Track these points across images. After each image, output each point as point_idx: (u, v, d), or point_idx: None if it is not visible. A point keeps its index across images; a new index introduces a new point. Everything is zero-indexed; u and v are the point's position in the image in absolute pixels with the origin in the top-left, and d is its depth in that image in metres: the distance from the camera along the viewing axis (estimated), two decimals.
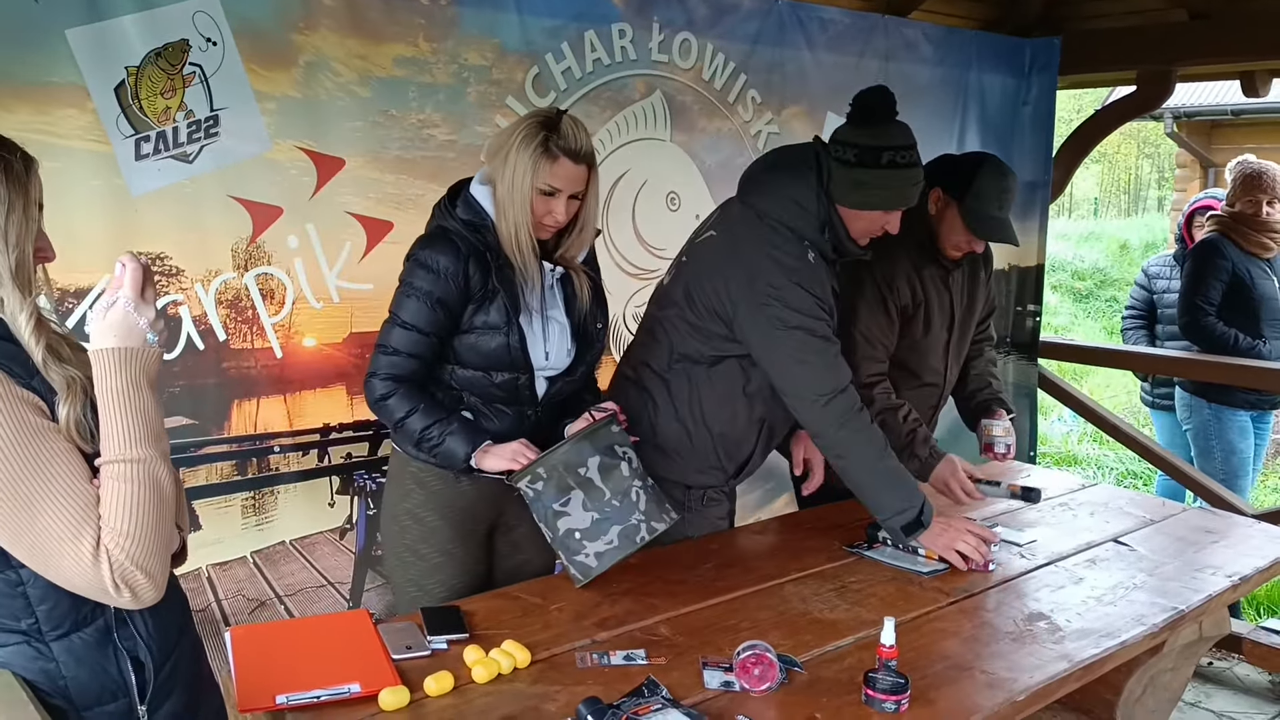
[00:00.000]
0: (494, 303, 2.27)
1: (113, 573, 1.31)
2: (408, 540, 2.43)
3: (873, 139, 2.44)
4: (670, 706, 1.73)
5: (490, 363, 2.31)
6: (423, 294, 2.24)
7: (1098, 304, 14.06)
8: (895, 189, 2.45)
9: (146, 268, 1.41)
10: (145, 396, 1.37)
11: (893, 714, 1.81)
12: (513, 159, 2.22)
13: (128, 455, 1.35)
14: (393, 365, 2.27)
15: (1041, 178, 4.86)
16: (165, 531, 1.38)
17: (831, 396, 2.44)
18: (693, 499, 2.68)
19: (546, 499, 2.25)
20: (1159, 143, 20.59)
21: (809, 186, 2.48)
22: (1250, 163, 4.29)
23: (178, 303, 2.65)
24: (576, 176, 2.25)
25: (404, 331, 2.26)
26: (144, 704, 1.46)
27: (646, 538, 2.27)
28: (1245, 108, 10.39)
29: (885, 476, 2.49)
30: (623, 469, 2.27)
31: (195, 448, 2.73)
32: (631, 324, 3.60)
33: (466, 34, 3.04)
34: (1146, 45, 4.49)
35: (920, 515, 2.47)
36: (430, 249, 2.26)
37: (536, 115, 2.26)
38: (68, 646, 1.40)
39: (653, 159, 3.54)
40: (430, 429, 2.26)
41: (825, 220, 2.48)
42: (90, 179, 2.48)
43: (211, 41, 2.59)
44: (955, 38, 4.45)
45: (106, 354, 1.36)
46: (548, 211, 2.26)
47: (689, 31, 3.57)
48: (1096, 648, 2.12)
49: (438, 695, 1.82)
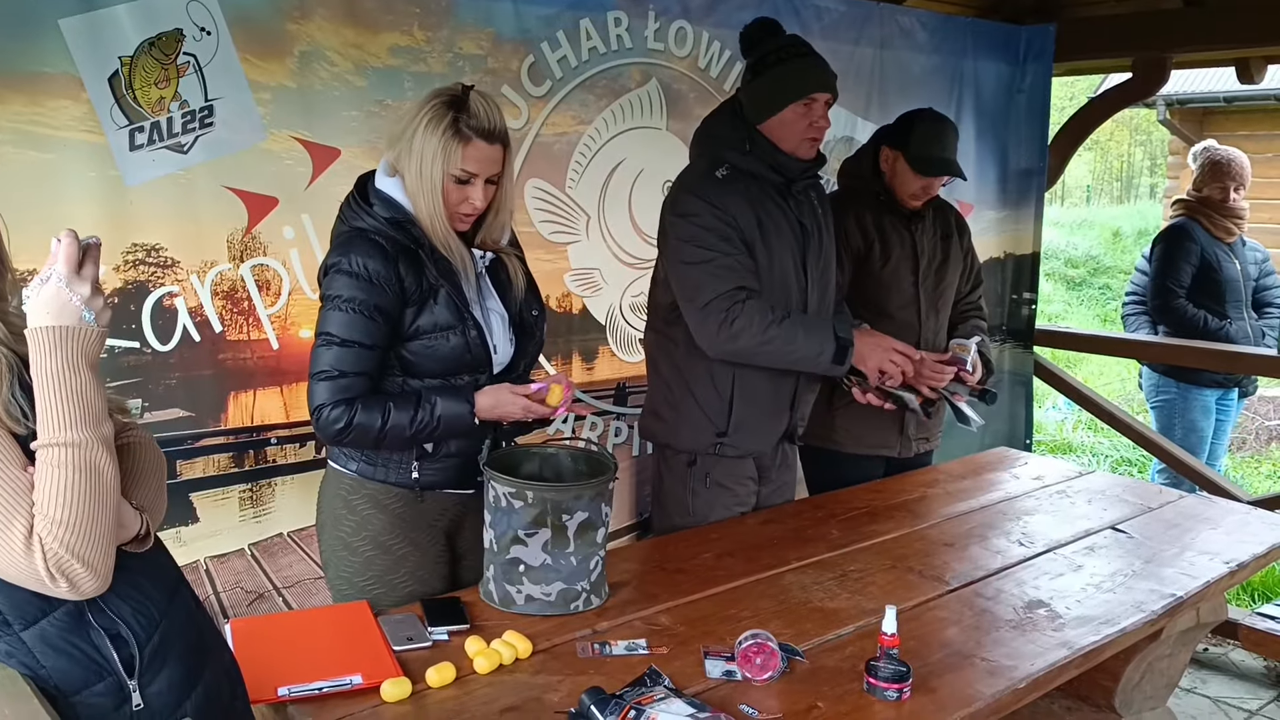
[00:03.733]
0: (438, 300, 2.08)
1: (46, 562, 1.26)
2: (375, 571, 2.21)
3: (761, 50, 2.63)
4: (673, 696, 1.73)
5: (449, 366, 2.12)
6: (354, 304, 2.02)
7: (1091, 291, 14.06)
8: (791, 79, 2.57)
9: (87, 245, 1.34)
10: (84, 377, 1.31)
11: (895, 702, 1.81)
12: (419, 144, 2.03)
13: (62, 439, 1.29)
14: (337, 390, 2.03)
15: (1037, 165, 4.85)
16: (105, 519, 1.32)
17: (706, 302, 2.54)
18: (695, 477, 2.71)
19: (515, 520, 2.06)
20: (1151, 130, 20.58)
21: (725, 118, 2.69)
22: (1217, 150, 4.47)
23: (173, 294, 2.63)
24: (492, 158, 2.06)
25: (341, 349, 2.03)
26: (133, 679, 1.42)
27: (580, 609, 2.11)
28: (1238, 95, 10.39)
29: (787, 340, 2.55)
30: (598, 535, 2.11)
31: (192, 440, 2.72)
32: (629, 314, 3.60)
33: (461, 23, 3.03)
34: (1142, 32, 4.49)
35: (838, 341, 2.57)
36: (352, 254, 2.03)
37: (441, 94, 2.06)
38: (40, 635, 1.35)
39: (649, 148, 3.53)
40: (418, 416, 2.06)
41: (745, 139, 2.61)
42: (84, 170, 2.46)
43: (206, 31, 2.57)
44: (950, 25, 4.44)
45: (42, 332, 1.30)
46: (464, 199, 2.07)
47: (685, 20, 3.55)
48: (1096, 635, 2.12)
49: (440, 686, 1.82)
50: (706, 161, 2.66)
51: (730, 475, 2.75)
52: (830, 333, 2.57)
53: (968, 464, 3.33)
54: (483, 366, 2.17)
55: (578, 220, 3.43)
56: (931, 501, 2.95)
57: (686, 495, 2.74)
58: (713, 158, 2.65)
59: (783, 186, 2.65)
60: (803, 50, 2.61)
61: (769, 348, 2.54)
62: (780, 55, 2.58)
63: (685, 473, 2.73)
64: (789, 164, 2.62)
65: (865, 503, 2.89)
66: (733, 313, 2.52)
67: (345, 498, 2.21)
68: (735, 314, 2.51)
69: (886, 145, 3.07)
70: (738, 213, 2.57)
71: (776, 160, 2.61)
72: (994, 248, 4.83)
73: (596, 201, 3.47)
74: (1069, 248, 15.03)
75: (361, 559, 2.21)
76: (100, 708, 1.39)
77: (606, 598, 2.19)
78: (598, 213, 3.47)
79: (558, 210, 3.37)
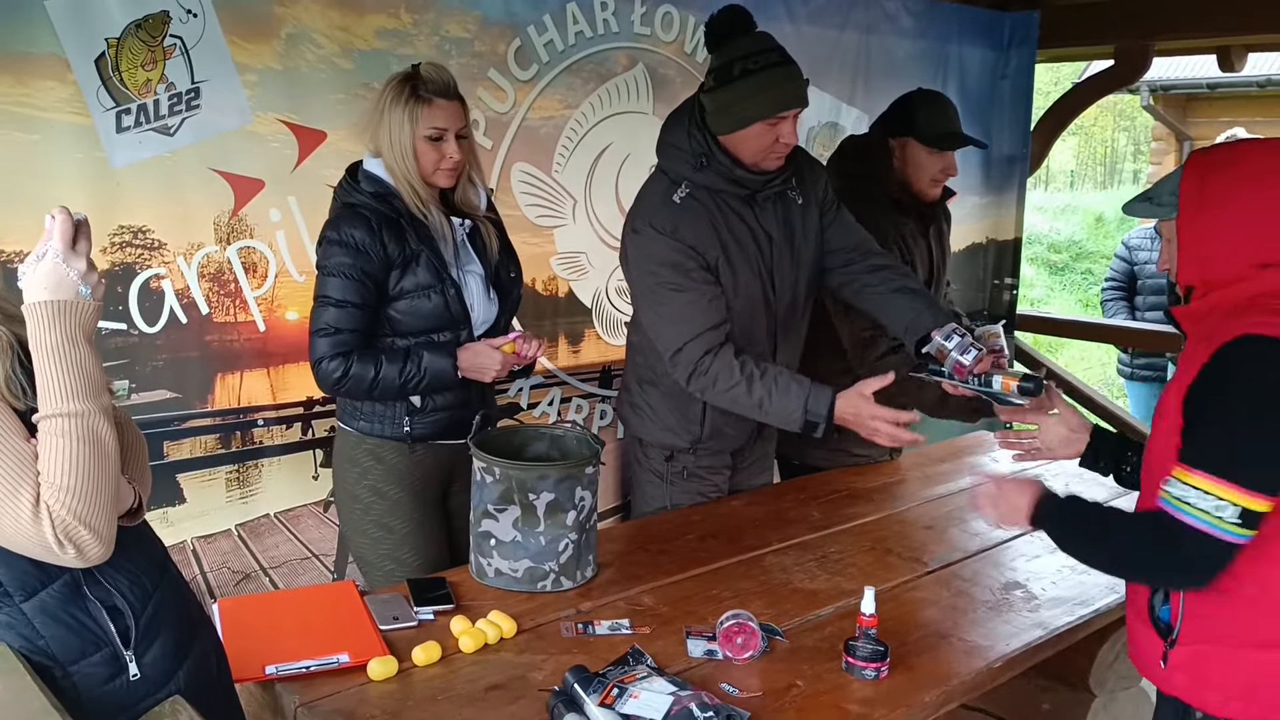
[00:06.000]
0: (419, 264, 2.31)
1: (54, 529, 1.29)
2: (374, 516, 2.46)
3: (724, 56, 2.39)
4: (655, 675, 1.76)
5: (431, 323, 2.35)
6: (345, 269, 2.27)
7: (1074, 276, 14.13)
8: (757, 96, 2.35)
9: (79, 221, 1.38)
10: (82, 350, 1.35)
11: (872, 681, 1.85)
12: (388, 121, 2.27)
13: (65, 409, 1.32)
14: (335, 344, 2.29)
15: (1020, 151, 4.88)
16: (109, 486, 1.35)
17: (674, 351, 2.43)
18: (673, 472, 2.71)
19: (486, 495, 2.17)
20: (1135, 115, 20.62)
21: (682, 128, 2.48)
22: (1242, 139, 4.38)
23: (160, 276, 2.64)
24: (455, 113, 2.30)
25: (337, 309, 2.28)
26: (129, 649, 1.45)
27: (548, 589, 2.16)
28: (1221, 81, 10.47)
29: (752, 408, 2.42)
30: (568, 517, 2.16)
31: (179, 421, 2.73)
32: (614, 297, 3.62)
33: (448, 6, 3.03)
34: (1124, 19, 4.52)
35: (808, 416, 2.36)
36: (341, 226, 2.28)
37: (395, 75, 2.31)
38: (40, 606, 1.38)
39: (635, 132, 3.54)
40: (406, 369, 2.30)
41: (702, 153, 2.43)
42: (71, 151, 2.46)
43: (192, 13, 2.57)
44: (935, 11, 4.46)
45: (40, 307, 1.33)
46: (442, 156, 2.30)
47: (671, 4, 3.56)
48: (1070, 615, 2.17)
49: (425, 665, 1.85)
50: (665, 181, 2.50)
51: (707, 467, 2.75)
52: (801, 405, 2.37)
53: (947, 447, 3.36)
54: (462, 324, 2.39)
55: (564, 204, 3.44)
56: (911, 484, 2.99)
57: (664, 486, 2.73)
58: (672, 175, 2.49)
59: (747, 198, 2.49)
60: (774, 60, 2.37)
61: (736, 406, 2.45)
62: (748, 65, 2.35)
63: (663, 467, 2.72)
64: (749, 178, 2.45)
65: (846, 485, 2.93)
66: (701, 365, 2.40)
67: (349, 453, 2.48)
68: (703, 367, 2.40)
69: (891, 136, 2.90)
70: (697, 239, 2.42)
71: (735, 175, 2.44)
72: (976, 233, 4.87)
73: (583, 185, 3.48)
74: (1052, 232, 15.09)
75: (363, 505, 2.47)
76: (96, 678, 1.43)
77: (584, 580, 2.22)
78: (584, 196, 3.48)
79: (544, 194, 3.39)
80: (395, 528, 2.46)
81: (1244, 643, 1.59)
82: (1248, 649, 1.59)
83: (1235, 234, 1.56)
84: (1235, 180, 1.57)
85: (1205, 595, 1.60)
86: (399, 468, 2.45)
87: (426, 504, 2.51)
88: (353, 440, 2.46)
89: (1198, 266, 1.61)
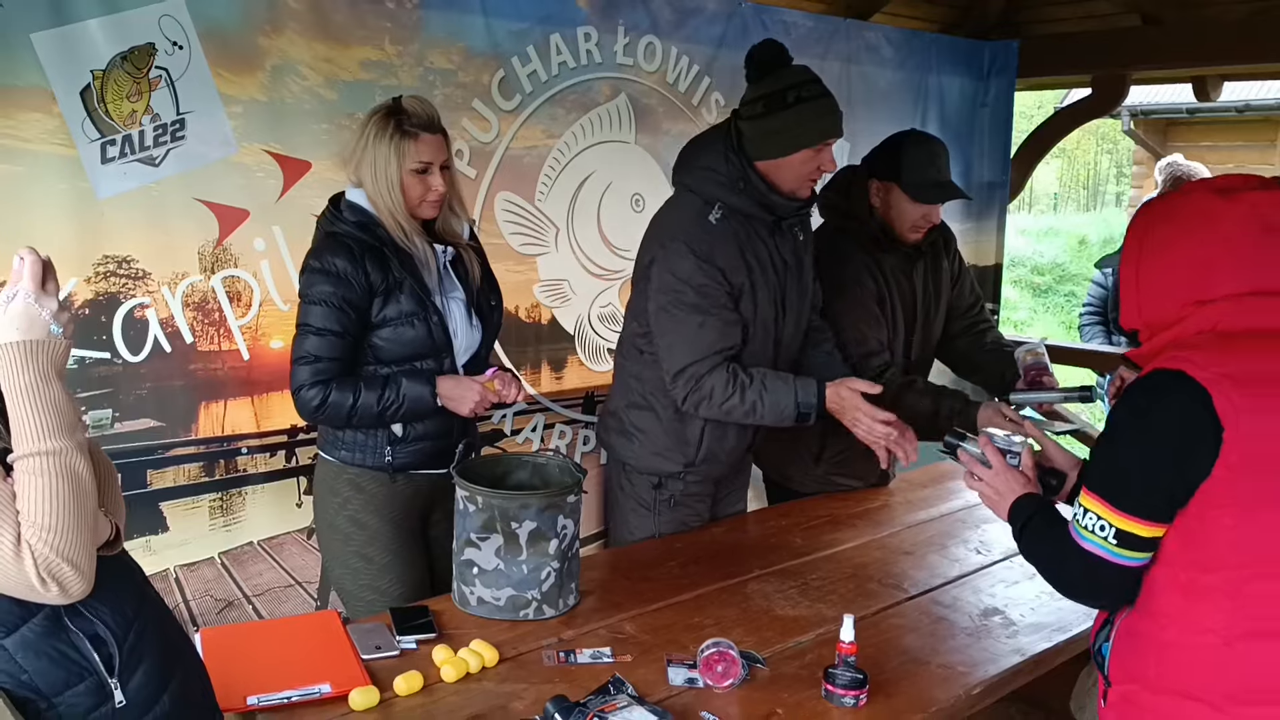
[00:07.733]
0: (403, 291, 2.31)
1: (37, 567, 1.29)
2: (354, 546, 2.45)
3: (774, 84, 2.46)
4: (636, 704, 1.77)
5: (414, 350, 2.35)
6: (327, 297, 2.26)
7: (1057, 299, 14.25)
8: (810, 124, 2.44)
9: (47, 261, 1.39)
10: (55, 388, 1.35)
11: (852, 709, 1.86)
12: (372, 155, 2.28)
13: (41, 448, 1.33)
14: (315, 372, 2.29)
15: (1000, 178, 4.94)
16: (88, 521, 1.36)
17: (678, 370, 2.48)
18: (661, 500, 2.72)
19: (469, 523, 2.20)
20: (1118, 139, 20.84)
21: (719, 151, 2.51)
22: (1180, 165, 4.49)
23: (144, 305, 2.65)
24: (439, 146, 2.32)
25: (318, 337, 2.28)
26: (114, 677, 1.46)
27: (530, 617, 2.19)
28: (1200, 106, 10.56)
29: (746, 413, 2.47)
30: (551, 546, 2.18)
31: (163, 449, 2.74)
32: (597, 324, 3.64)
33: (432, 37, 3.06)
34: (1101, 50, 4.60)
35: (799, 409, 2.45)
36: (324, 255, 2.28)
37: (377, 109, 2.31)
38: (21, 641, 1.38)
39: (618, 161, 3.57)
40: (384, 395, 2.30)
41: (739, 178, 2.48)
42: (56, 182, 2.48)
43: (177, 45, 2.59)
44: (916, 40, 4.52)
45: (12, 348, 1.33)
46: (428, 189, 2.31)
47: (654, 35, 3.60)
48: (1049, 641, 2.19)
49: (407, 694, 1.86)
50: (698, 201, 2.52)
51: (693, 495, 2.76)
52: (792, 398, 2.44)
53: (928, 473, 3.39)
54: (445, 351, 2.39)
55: (547, 232, 3.47)
56: (892, 510, 3.01)
57: (651, 515, 2.73)
58: (705, 196, 2.52)
59: (772, 224, 2.56)
60: (820, 90, 2.46)
61: (732, 416, 2.50)
62: (801, 95, 2.43)
63: (650, 495, 2.71)
64: (782, 204, 2.52)
65: (827, 511, 2.95)
66: (700, 383, 2.46)
67: (329, 483, 2.47)
68: (701, 384, 2.46)
69: (875, 178, 2.83)
70: (727, 264, 2.47)
71: (770, 200, 2.50)
72: None
73: (565, 214, 3.51)
74: (1036, 255, 15.21)
75: (342, 535, 2.46)
76: (81, 707, 1.42)
77: (567, 608, 2.23)
78: (567, 225, 3.51)
79: (527, 222, 3.41)
80: (374, 558, 2.45)
81: (1163, 688, 1.55)
82: (1166, 695, 1.55)
83: (1170, 276, 1.57)
84: (1173, 231, 1.59)
85: (1131, 635, 1.60)
86: (378, 498, 2.44)
87: (406, 534, 2.50)
88: (333, 470, 2.45)
89: (1137, 311, 1.64)
